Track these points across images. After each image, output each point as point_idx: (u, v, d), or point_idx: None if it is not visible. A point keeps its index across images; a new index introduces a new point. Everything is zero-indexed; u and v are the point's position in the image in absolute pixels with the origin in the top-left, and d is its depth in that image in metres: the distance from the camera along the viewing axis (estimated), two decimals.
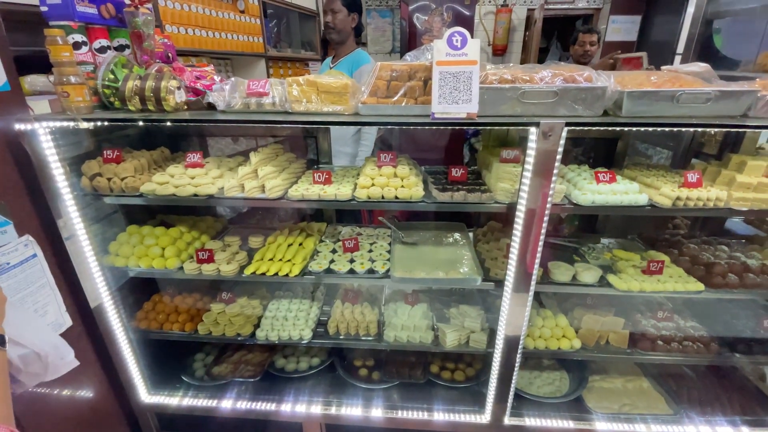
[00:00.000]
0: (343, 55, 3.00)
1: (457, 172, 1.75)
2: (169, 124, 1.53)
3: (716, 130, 1.42)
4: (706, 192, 1.55)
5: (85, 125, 1.54)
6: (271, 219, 2.55)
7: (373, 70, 1.53)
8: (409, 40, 5.63)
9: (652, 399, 2.12)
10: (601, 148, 2.20)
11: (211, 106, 1.68)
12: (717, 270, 1.75)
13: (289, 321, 2.04)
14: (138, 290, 2.23)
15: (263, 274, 1.81)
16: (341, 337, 2.03)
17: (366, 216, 3.01)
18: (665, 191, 1.56)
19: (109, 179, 1.72)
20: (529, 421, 2.02)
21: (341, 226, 2.30)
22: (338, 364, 2.26)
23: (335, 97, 1.54)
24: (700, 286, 1.72)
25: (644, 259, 1.89)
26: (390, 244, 2.10)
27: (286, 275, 1.80)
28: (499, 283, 1.75)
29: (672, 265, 1.88)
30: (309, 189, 1.67)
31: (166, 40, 2.11)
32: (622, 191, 1.57)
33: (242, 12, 3.60)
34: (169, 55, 2.09)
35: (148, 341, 2.14)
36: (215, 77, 1.91)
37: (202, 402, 2.12)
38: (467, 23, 5.55)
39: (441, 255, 2.05)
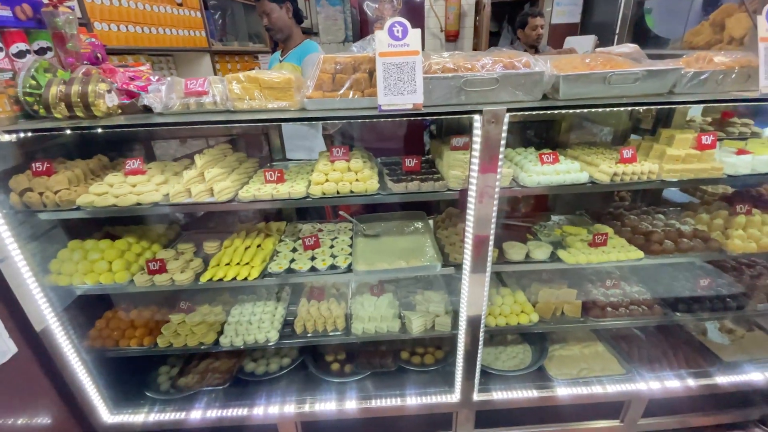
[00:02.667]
0: (292, 47, 2.92)
1: (411, 162, 1.77)
2: (100, 131, 1.43)
3: (645, 108, 1.51)
4: (640, 166, 1.66)
5: (7, 138, 1.42)
6: (230, 222, 2.48)
7: (316, 63, 1.50)
8: (362, 28, 5.56)
9: (606, 361, 2.28)
10: (547, 130, 2.29)
11: (148, 109, 1.59)
12: (654, 238, 1.89)
13: (253, 324, 2.00)
14: (89, 308, 2.10)
15: (221, 279, 1.76)
16: (309, 335, 2.02)
17: (330, 211, 2.98)
18: (603, 168, 1.65)
19: (41, 194, 1.60)
20: (497, 395, 2.11)
21: (302, 224, 2.27)
22: (309, 361, 2.26)
23: (279, 92, 1.50)
24: (640, 254, 1.85)
25: (591, 232, 2.00)
26: (352, 238, 2.10)
27: (245, 279, 1.76)
28: (459, 268, 1.80)
29: (615, 236, 2.01)
30: (261, 189, 1.63)
31: (93, 40, 1.97)
32: (564, 171, 1.65)
33: (180, 5, 3.40)
34: (99, 55, 1.95)
35: (105, 360, 2.03)
36: (151, 77, 1.81)
37: (169, 416, 2.06)
38: (418, 10, 5.55)
39: (402, 244, 2.08)
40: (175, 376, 2.22)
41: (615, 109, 1.45)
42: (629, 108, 1.45)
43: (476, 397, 2.10)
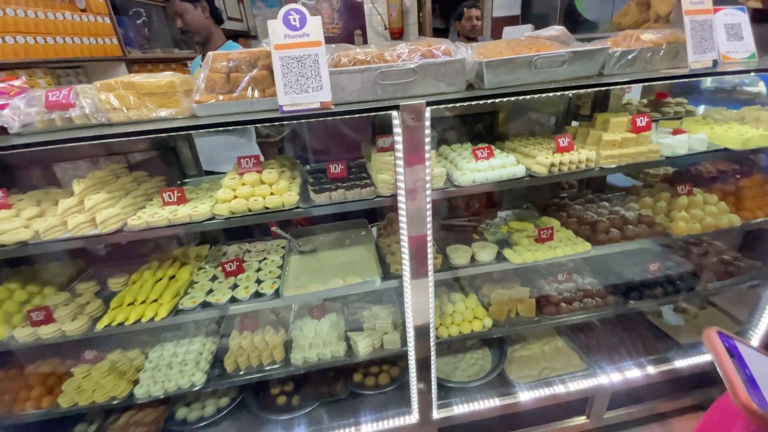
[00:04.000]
0: (213, 50, 2.65)
1: (336, 168, 1.58)
2: None
3: (574, 92, 1.41)
4: (578, 155, 1.56)
5: None
6: (145, 251, 2.17)
7: (204, 61, 1.28)
8: None
9: (566, 357, 2.20)
10: (485, 123, 2.18)
11: (4, 130, 1.30)
12: (600, 227, 1.81)
13: (174, 369, 1.73)
14: None
15: (121, 324, 1.49)
16: (242, 372, 1.78)
17: (266, 227, 2.73)
18: (540, 159, 1.54)
19: None
20: (458, 409, 1.96)
21: (227, 246, 2.02)
22: (252, 398, 2.01)
23: (162, 98, 1.26)
24: (587, 246, 1.76)
25: (537, 227, 1.90)
26: (284, 257, 1.88)
27: (152, 320, 1.50)
28: (401, 279, 1.63)
29: (562, 228, 1.92)
30: (156, 214, 1.39)
31: None
32: (499, 166, 1.52)
33: (84, 11, 3.03)
34: None
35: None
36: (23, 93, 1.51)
37: None
38: (358, 8, 5.39)
39: (341, 259, 1.89)
40: None
41: (544, 95, 1.33)
42: (558, 93, 1.34)
43: (436, 414, 1.94)
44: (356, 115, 1.27)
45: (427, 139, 1.30)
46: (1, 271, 1.75)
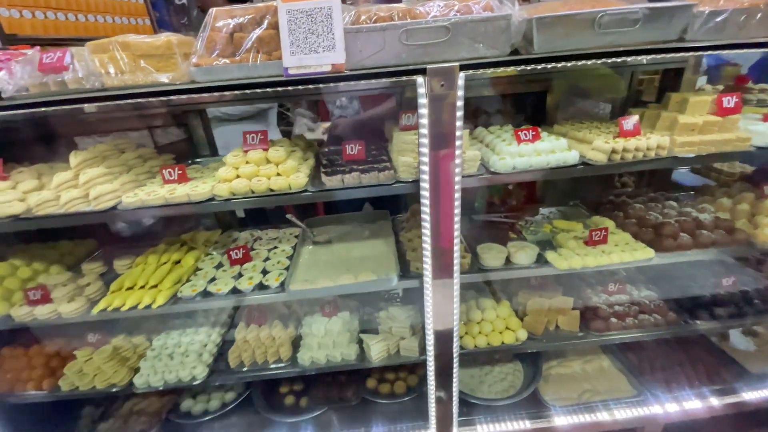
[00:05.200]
0: None
1: (352, 149, 1.38)
2: None
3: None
4: (646, 140, 1.27)
5: None
6: (160, 233, 2.09)
7: (205, 19, 1.13)
8: None
9: (613, 379, 1.90)
10: (530, 106, 1.90)
11: None
12: (666, 231, 1.50)
13: (175, 359, 1.62)
14: None
15: (117, 309, 1.38)
16: (246, 368, 1.64)
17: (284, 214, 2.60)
18: (598, 144, 1.27)
19: None
20: (481, 428, 1.74)
21: (238, 232, 1.89)
22: (259, 395, 1.88)
23: (158, 61, 1.12)
24: (650, 253, 1.46)
25: (587, 227, 1.62)
26: (295, 247, 1.72)
27: (148, 307, 1.38)
28: (421, 279, 1.42)
29: (618, 230, 1.62)
30: (153, 192, 1.26)
31: None
32: (547, 150, 1.26)
33: None
34: None
35: (8, 406, 1.67)
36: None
37: None
38: None
39: (357, 252, 1.70)
40: (97, 419, 1.85)
41: (609, 60, 1.07)
42: (626, 60, 1.07)
43: None
44: (377, 88, 1.08)
45: (459, 113, 1.08)
46: (8, 246, 1.71)
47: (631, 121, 1.30)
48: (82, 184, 1.24)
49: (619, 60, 1.10)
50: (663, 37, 1.16)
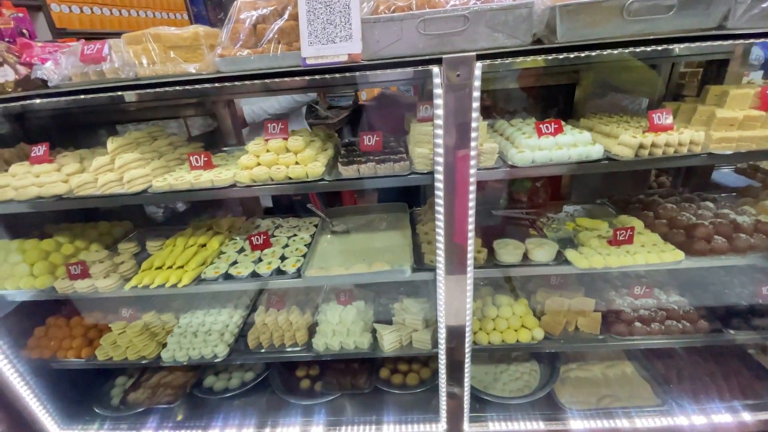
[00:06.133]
0: None
1: (369, 140, 1.40)
2: None
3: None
4: (678, 135, 1.20)
5: None
6: (189, 217, 2.20)
7: (230, 12, 1.17)
8: None
9: (635, 386, 1.83)
10: (555, 99, 1.84)
11: (45, 83, 1.32)
12: (699, 233, 1.41)
13: (199, 337, 1.71)
14: (34, 314, 1.91)
15: (147, 286, 1.48)
16: (263, 350, 1.71)
17: (316, 200, 2.64)
18: (625, 139, 1.21)
19: None
20: (493, 426, 1.73)
21: (261, 219, 1.96)
22: (276, 377, 1.96)
23: (186, 52, 1.18)
24: (680, 255, 1.38)
25: (613, 226, 1.56)
26: (314, 235, 1.76)
27: (174, 285, 1.47)
28: (435, 272, 1.42)
29: (646, 231, 1.54)
30: (180, 178, 1.33)
31: (20, 15, 1.76)
32: (569, 144, 1.22)
33: None
34: (25, 32, 1.74)
35: (51, 371, 1.83)
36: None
37: None
38: None
39: (373, 243, 1.72)
40: (128, 389, 1.99)
41: (638, 49, 1.01)
42: (658, 49, 1.01)
43: (467, 428, 1.72)
44: (394, 80, 1.08)
45: (476, 104, 1.06)
46: (54, 225, 1.86)
47: (662, 114, 1.23)
48: (117, 168, 1.33)
49: (648, 49, 1.04)
50: (700, 24, 1.09)
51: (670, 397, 1.72)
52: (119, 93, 1.15)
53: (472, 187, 1.17)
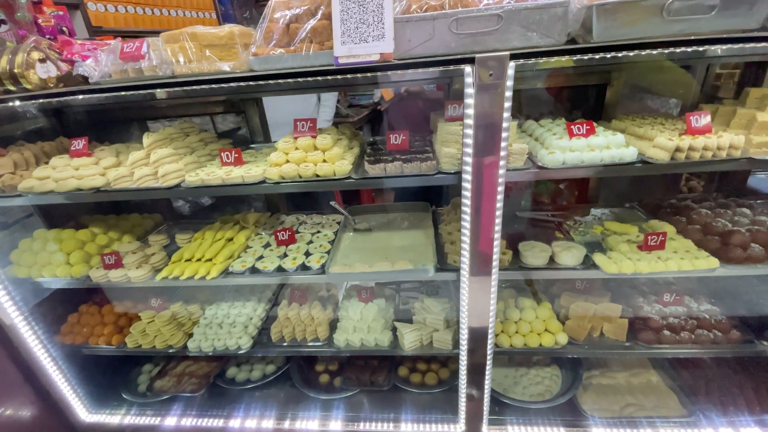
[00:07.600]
0: None
1: (396, 139, 1.40)
2: (18, 103, 1.24)
3: (724, 47, 1.02)
4: (716, 138, 1.16)
5: None
6: (217, 212, 2.25)
7: (264, 11, 1.19)
8: None
9: (661, 396, 1.78)
10: (589, 100, 1.80)
11: (86, 79, 1.37)
12: (735, 240, 1.36)
13: (224, 329, 1.76)
14: (67, 301, 2.00)
15: (177, 278, 1.53)
16: (285, 344, 1.74)
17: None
18: (660, 141, 1.18)
19: None
20: (512, 429, 1.71)
21: (285, 216, 1.99)
22: (296, 371, 1.99)
23: (221, 51, 1.21)
24: (714, 263, 1.34)
25: (643, 231, 1.52)
26: (337, 233, 1.78)
27: (203, 278, 1.51)
28: (458, 272, 1.42)
29: (678, 236, 1.50)
30: (212, 173, 1.36)
31: (60, 12, 1.83)
32: (601, 146, 1.20)
33: None
34: (65, 29, 1.81)
35: (82, 357, 1.91)
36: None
37: (143, 420, 1.90)
38: None
39: (396, 242, 1.73)
40: (155, 376, 2.06)
41: (676, 50, 0.98)
42: (699, 50, 0.98)
43: (486, 430, 1.71)
44: (424, 79, 1.08)
45: (507, 104, 1.05)
46: (88, 216, 1.93)
47: (700, 117, 1.19)
48: (152, 162, 1.38)
49: (689, 50, 1.01)
50: (742, 25, 1.05)
51: (697, 408, 1.67)
52: (158, 90, 1.18)
53: (501, 188, 1.17)
